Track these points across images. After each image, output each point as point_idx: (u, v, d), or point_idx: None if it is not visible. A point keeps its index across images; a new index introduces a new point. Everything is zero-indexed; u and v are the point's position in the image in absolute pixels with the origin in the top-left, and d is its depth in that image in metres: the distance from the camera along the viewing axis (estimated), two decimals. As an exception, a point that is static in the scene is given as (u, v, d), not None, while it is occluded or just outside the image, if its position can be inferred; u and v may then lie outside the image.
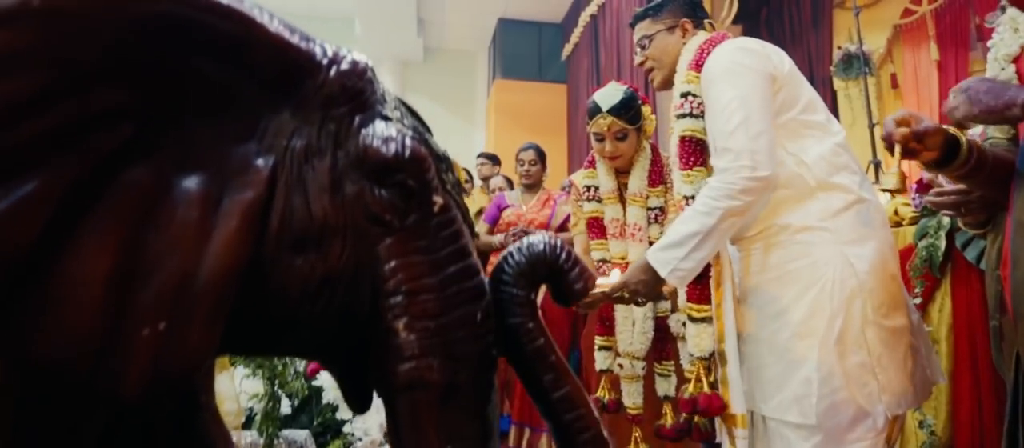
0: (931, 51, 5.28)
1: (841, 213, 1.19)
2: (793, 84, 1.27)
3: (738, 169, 1.16)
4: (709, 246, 1.20)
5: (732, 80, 1.22)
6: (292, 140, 0.55)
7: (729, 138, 1.18)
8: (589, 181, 1.97)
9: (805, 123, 1.25)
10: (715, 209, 1.18)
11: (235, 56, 0.52)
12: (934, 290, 1.83)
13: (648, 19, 1.50)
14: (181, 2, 0.48)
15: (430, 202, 0.62)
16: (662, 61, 1.47)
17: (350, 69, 0.57)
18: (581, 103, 8.01)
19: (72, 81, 0.45)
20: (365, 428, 2.04)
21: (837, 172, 1.22)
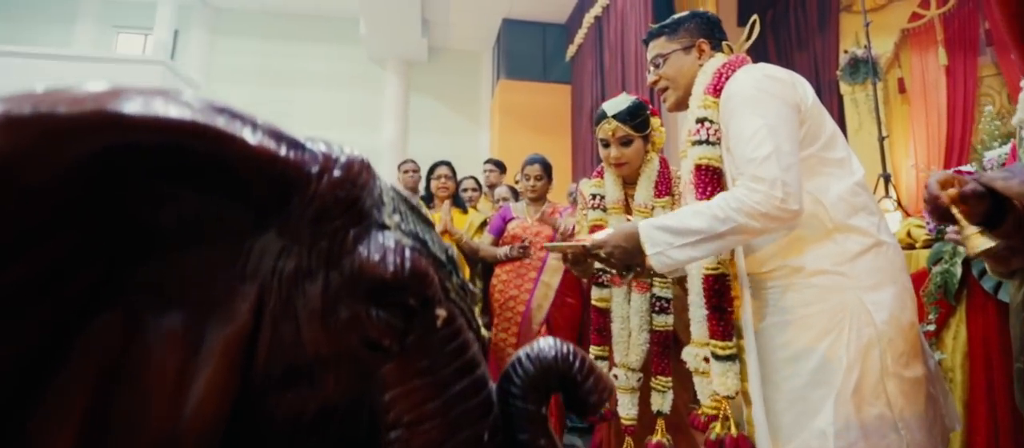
0: (939, 56, 5.24)
1: (858, 257, 1.15)
2: (816, 118, 1.22)
3: (770, 196, 1.09)
4: (706, 249, 1.16)
5: (759, 108, 1.16)
6: (279, 262, 0.49)
7: (760, 166, 1.11)
8: (596, 190, 1.97)
9: (825, 160, 1.20)
10: (730, 219, 1.11)
11: (211, 178, 0.46)
12: (948, 317, 1.81)
13: (663, 37, 1.42)
14: (134, 129, 0.40)
15: (433, 317, 0.56)
16: (677, 82, 1.40)
17: (343, 176, 0.50)
18: (585, 104, 7.98)
19: (16, 241, 0.39)
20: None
21: (855, 213, 1.17)
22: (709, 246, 1.14)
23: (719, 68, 1.30)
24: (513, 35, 8.74)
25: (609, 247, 1.25)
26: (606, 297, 1.92)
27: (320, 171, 0.49)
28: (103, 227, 0.43)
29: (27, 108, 0.37)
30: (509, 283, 2.82)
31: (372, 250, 0.51)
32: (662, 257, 1.17)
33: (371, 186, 0.53)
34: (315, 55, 9.93)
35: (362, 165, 0.52)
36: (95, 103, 0.39)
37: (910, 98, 5.55)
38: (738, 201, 1.11)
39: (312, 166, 0.48)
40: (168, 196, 0.46)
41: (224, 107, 0.45)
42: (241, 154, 0.45)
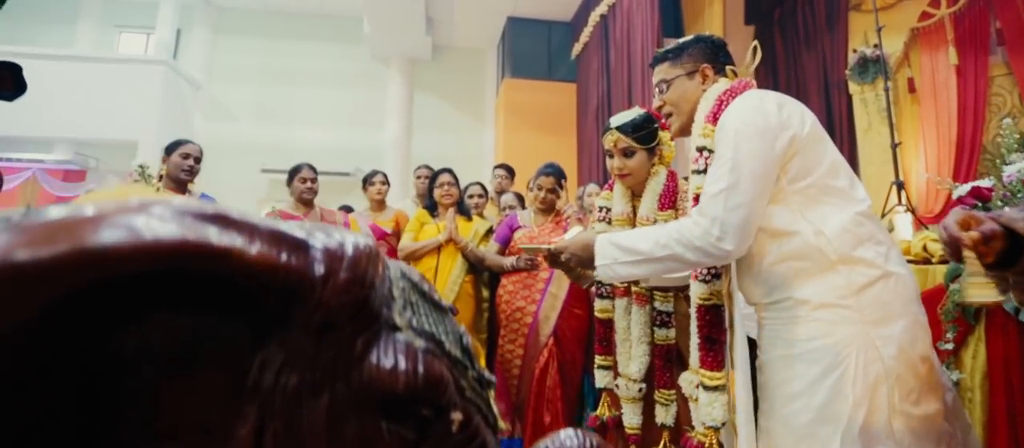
0: (950, 56, 5.17)
1: (864, 290, 1.11)
2: (815, 147, 1.19)
3: (707, 232, 1.16)
4: (645, 269, 1.24)
5: (736, 141, 1.17)
6: (282, 377, 0.45)
7: (710, 201, 1.17)
8: (604, 202, 1.99)
9: (825, 189, 1.17)
10: (668, 247, 1.20)
11: (206, 298, 0.42)
12: (967, 335, 1.77)
13: (667, 62, 1.43)
14: (118, 260, 0.36)
15: (448, 423, 0.53)
16: (680, 108, 1.40)
17: (350, 278, 0.46)
18: (591, 103, 7.93)
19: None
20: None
21: (860, 245, 1.14)
22: (648, 267, 1.23)
23: (720, 95, 1.30)
24: (518, 33, 8.68)
25: (568, 253, 1.37)
26: (608, 308, 1.96)
27: (325, 275, 0.44)
28: (81, 367, 0.39)
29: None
30: (516, 294, 2.79)
31: (382, 359, 0.47)
32: (607, 270, 1.27)
33: (380, 282, 0.49)
34: (318, 54, 9.89)
35: (369, 258, 0.47)
36: (70, 238, 0.35)
37: (920, 98, 5.48)
38: (679, 231, 1.19)
39: (316, 270, 0.44)
40: (157, 322, 0.42)
41: (215, 213, 0.41)
42: (238, 269, 0.41)
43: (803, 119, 1.20)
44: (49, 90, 7.90)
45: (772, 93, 1.26)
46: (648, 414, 1.84)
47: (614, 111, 7.51)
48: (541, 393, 2.68)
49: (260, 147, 9.60)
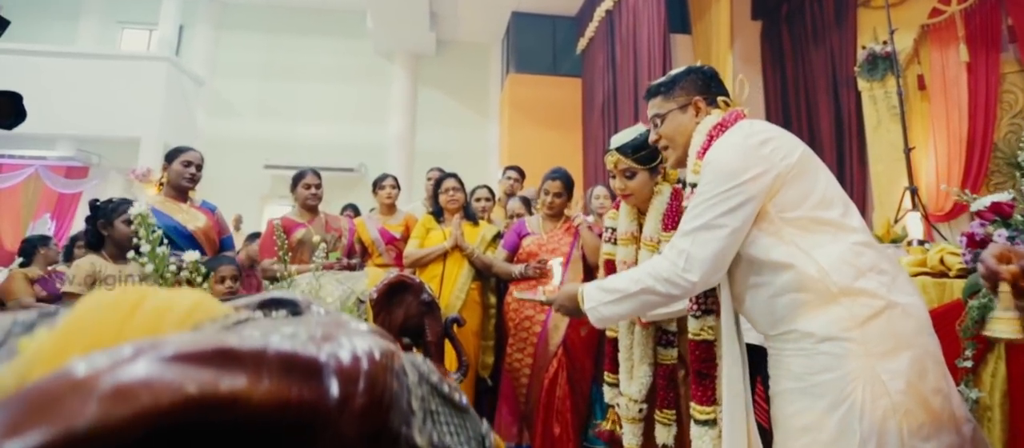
0: (960, 52, 5.10)
1: (869, 322, 1.09)
2: (804, 178, 1.19)
3: (673, 263, 1.21)
4: (626, 306, 1.28)
5: (714, 178, 1.20)
6: None
7: (681, 236, 1.22)
8: (610, 222, 1.97)
9: (816, 219, 1.17)
10: (641, 281, 1.25)
11: (217, 443, 0.39)
12: (986, 352, 1.74)
13: (660, 96, 1.43)
14: (98, 438, 0.32)
15: None
16: (675, 141, 1.41)
17: (367, 403, 0.42)
18: (596, 98, 7.87)
19: None
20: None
21: (861, 276, 1.12)
22: (627, 304, 1.28)
23: (711, 129, 1.31)
24: (522, 28, 8.62)
25: (556, 304, 1.44)
26: (614, 327, 1.94)
27: (340, 401, 0.41)
28: None
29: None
30: (524, 303, 2.76)
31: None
32: (594, 313, 1.33)
33: (398, 397, 0.46)
34: (321, 49, 9.83)
35: (386, 372, 0.44)
36: (54, 419, 0.31)
37: (930, 95, 5.42)
38: (651, 265, 1.25)
39: (331, 397, 0.41)
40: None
41: (216, 350, 0.37)
42: (248, 413, 0.37)
43: (789, 153, 1.20)
44: (51, 87, 7.87)
45: (759, 126, 1.26)
46: (649, 434, 1.82)
47: (620, 107, 7.45)
48: (551, 404, 2.65)
49: (263, 143, 9.57)
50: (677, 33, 7.04)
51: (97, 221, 2.26)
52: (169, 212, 2.57)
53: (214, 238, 2.69)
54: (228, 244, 2.80)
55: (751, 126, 1.26)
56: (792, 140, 1.23)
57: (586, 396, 2.80)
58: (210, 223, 2.67)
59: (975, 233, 1.75)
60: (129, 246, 2.26)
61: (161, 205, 2.59)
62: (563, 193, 2.86)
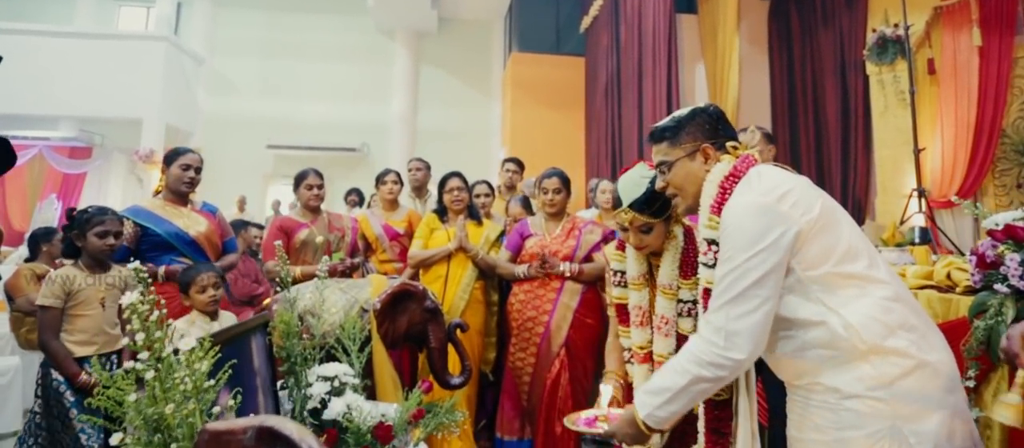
0: (973, 36, 4.99)
1: (897, 381, 1.07)
2: (827, 232, 1.14)
3: (711, 343, 1.14)
4: (681, 402, 1.20)
5: (737, 246, 1.14)
6: None
7: (715, 313, 1.15)
8: (617, 265, 1.83)
9: (842, 274, 1.13)
10: (687, 372, 1.17)
11: None
12: (990, 372, 1.74)
13: (665, 142, 1.36)
14: None
15: None
16: (685, 190, 1.35)
17: None
18: (600, 78, 7.78)
19: None
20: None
21: (892, 334, 1.09)
22: (682, 399, 1.19)
23: (722, 181, 1.26)
24: (525, 5, 8.47)
25: (619, 435, 1.32)
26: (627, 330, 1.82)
27: None
28: None
29: None
30: (527, 304, 2.76)
31: None
32: (652, 417, 1.23)
33: None
34: (322, 26, 9.70)
35: None
36: None
37: (939, 79, 5.33)
38: (690, 353, 1.17)
39: None
40: None
41: None
42: None
43: (809, 206, 1.15)
44: (50, 67, 7.81)
45: (774, 178, 1.20)
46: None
47: (624, 89, 7.36)
48: (553, 404, 2.68)
49: (265, 122, 9.52)
50: (683, 13, 6.92)
51: (72, 232, 2.23)
52: (169, 217, 2.56)
53: (216, 242, 2.68)
54: (231, 247, 2.80)
55: (766, 179, 1.20)
56: (811, 191, 1.18)
57: (588, 393, 2.83)
58: (212, 227, 2.66)
59: (986, 254, 1.73)
60: (102, 258, 2.24)
61: (161, 210, 2.58)
62: (562, 189, 2.83)
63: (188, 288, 2.14)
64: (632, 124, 7.17)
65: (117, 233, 2.22)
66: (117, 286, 2.25)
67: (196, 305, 2.14)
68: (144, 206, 2.59)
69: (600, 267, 2.74)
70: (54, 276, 2.15)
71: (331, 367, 1.79)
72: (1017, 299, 1.65)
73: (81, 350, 2.14)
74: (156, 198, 2.68)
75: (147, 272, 1.07)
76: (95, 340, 2.16)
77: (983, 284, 1.76)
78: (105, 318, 2.18)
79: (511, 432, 2.88)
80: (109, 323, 2.19)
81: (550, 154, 8.04)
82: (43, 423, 2.16)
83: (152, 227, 2.49)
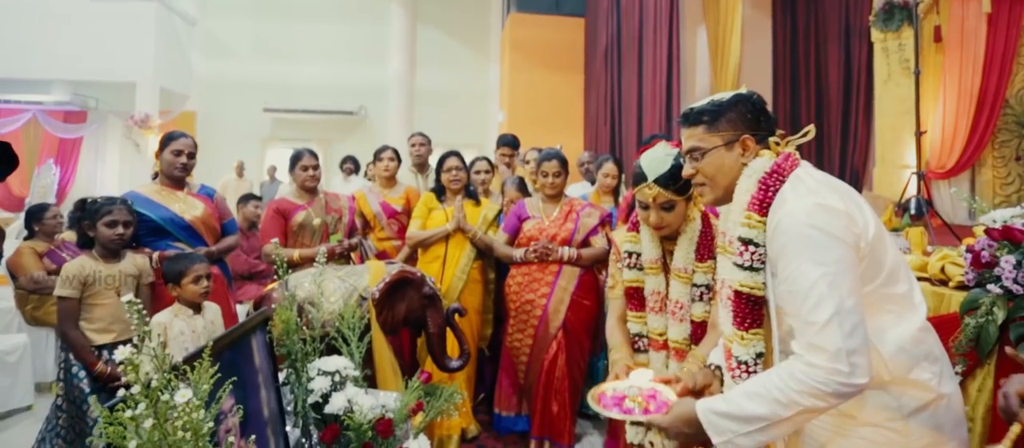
0: (983, 2, 4.89)
1: (915, 414, 1.07)
2: (877, 249, 1.07)
3: (833, 371, 0.98)
4: (774, 433, 1.05)
5: (816, 253, 1.02)
6: None
7: (820, 334, 0.99)
8: (631, 247, 1.79)
9: (885, 296, 1.08)
10: (794, 403, 1.01)
11: None
12: (976, 368, 1.78)
13: (702, 127, 1.22)
14: None
15: None
16: (717, 182, 1.22)
17: None
18: (600, 41, 7.64)
19: None
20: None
21: (917, 365, 1.07)
22: (777, 430, 1.05)
23: (764, 178, 1.14)
24: (524, -36, 8.26)
25: (672, 433, 1.17)
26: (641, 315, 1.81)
27: None
28: None
29: None
30: (525, 286, 2.79)
31: None
32: (730, 445, 1.08)
33: None
34: (316, -15, 9.47)
35: None
36: None
37: (945, 47, 5.24)
38: (799, 382, 1.00)
39: None
40: None
41: None
42: None
43: (866, 219, 1.07)
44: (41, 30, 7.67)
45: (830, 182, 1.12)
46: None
47: (624, 53, 7.24)
48: (550, 384, 2.73)
49: (261, 85, 9.39)
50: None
51: (84, 222, 2.25)
52: (165, 202, 2.56)
53: (214, 225, 2.68)
54: (231, 229, 2.79)
55: (824, 184, 1.11)
56: (858, 199, 1.12)
57: (584, 371, 2.89)
58: (208, 210, 2.65)
59: (982, 254, 1.74)
60: (113, 248, 2.26)
61: (157, 194, 2.57)
62: (561, 172, 2.83)
63: (179, 278, 2.13)
64: (632, 88, 7.08)
65: (126, 222, 2.24)
66: (132, 274, 2.27)
67: (185, 295, 2.14)
68: (140, 191, 2.58)
69: (598, 252, 2.76)
70: (70, 267, 2.18)
71: (331, 361, 1.82)
72: (1009, 299, 1.67)
73: (100, 338, 2.19)
74: (152, 183, 2.67)
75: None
76: (113, 328, 2.20)
77: (976, 282, 1.78)
78: (122, 306, 2.22)
79: (508, 408, 2.96)
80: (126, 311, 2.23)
81: (549, 118, 7.99)
82: (63, 406, 2.24)
83: (147, 213, 2.49)
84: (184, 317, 2.15)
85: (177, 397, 0.83)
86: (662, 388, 1.31)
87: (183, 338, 2.14)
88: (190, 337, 2.15)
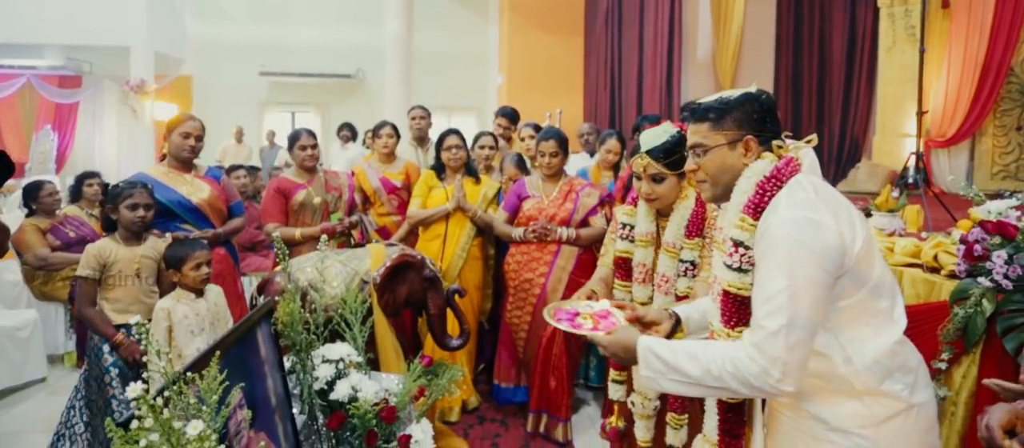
0: (991, -33, 4.80)
1: (886, 422, 1.10)
2: (865, 261, 1.10)
3: (765, 373, 1.05)
4: (693, 393, 1.18)
5: (789, 265, 1.05)
6: None
7: (768, 338, 1.06)
8: (627, 219, 1.91)
9: (866, 310, 1.11)
10: (722, 379, 1.10)
11: None
12: (961, 355, 1.82)
13: (707, 124, 1.23)
14: None
15: None
16: (718, 179, 1.24)
17: None
18: (600, 3, 7.50)
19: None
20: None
21: (889, 377, 1.11)
22: (696, 391, 1.17)
23: (762, 182, 1.15)
24: (523, -78, 8.02)
25: (609, 351, 1.29)
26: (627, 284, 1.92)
27: None
28: None
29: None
30: (524, 265, 2.83)
31: None
32: (651, 381, 1.20)
33: None
34: (310, -56, 9.23)
35: None
36: None
37: (953, 13, 5.16)
38: (734, 365, 1.09)
39: None
40: None
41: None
42: None
43: (855, 232, 1.09)
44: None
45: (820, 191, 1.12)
46: (660, 429, 1.87)
47: (625, 16, 7.12)
48: (548, 361, 2.80)
49: (257, 49, 9.25)
50: (690, -66, 6.58)
51: (107, 206, 2.29)
52: (173, 185, 2.58)
53: (221, 207, 2.71)
54: (238, 210, 2.84)
55: (820, 194, 1.12)
56: (856, 215, 1.13)
57: (581, 347, 2.95)
58: (215, 193, 2.68)
59: (974, 246, 1.76)
60: (135, 230, 2.29)
61: (165, 177, 2.59)
62: (559, 152, 2.84)
63: (180, 264, 2.17)
64: (632, 53, 6.99)
65: (147, 205, 2.27)
66: (151, 257, 2.30)
67: (186, 281, 2.18)
68: (149, 173, 2.60)
69: (597, 231, 2.79)
70: (92, 248, 2.22)
71: (335, 349, 1.86)
72: (998, 292, 1.71)
73: (119, 318, 2.22)
74: (160, 165, 2.68)
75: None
76: (131, 309, 2.24)
77: (967, 273, 1.81)
78: (140, 288, 2.26)
79: (508, 380, 3.04)
80: (145, 293, 2.27)
81: (548, 81, 7.91)
82: (85, 375, 2.30)
83: (156, 195, 2.51)
84: (186, 301, 2.19)
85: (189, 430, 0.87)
86: (616, 312, 1.42)
87: (187, 322, 2.18)
88: (194, 320, 2.20)
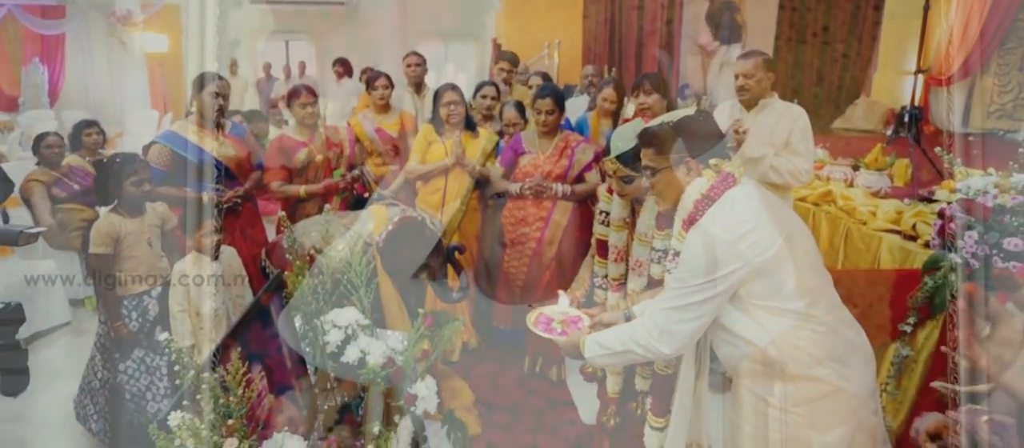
0: None
1: (816, 401, 1.28)
2: (778, 271, 1.27)
3: (650, 336, 1.36)
4: (613, 361, 1.60)
5: (693, 267, 1.29)
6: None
7: (659, 312, 1.36)
8: (604, 206, 2.05)
9: (786, 311, 1.28)
10: (625, 344, 1.41)
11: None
12: (927, 320, 1.95)
13: (653, 150, 1.43)
14: None
15: None
16: (666, 196, 1.46)
17: None
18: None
19: None
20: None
21: (818, 364, 1.27)
22: (615, 358, 1.50)
23: (698, 200, 1.35)
24: None
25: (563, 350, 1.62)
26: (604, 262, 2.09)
27: None
28: None
29: None
30: (521, 219, 2.93)
31: None
32: (593, 360, 1.52)
33: None
34: None
35: None
36: None
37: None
38: (635, 334, 1.40)
39: None
40: None
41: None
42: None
43: (765, 248, 1.26)
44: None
45: (742, 213, 1.29)
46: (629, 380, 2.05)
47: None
48: (544, 311, 2.95)
49: (246, -26, 8.92)
50: None
51: (107, 181, 2.29)
52: (200, 142, 2.70)
53: (245, 164, 2.87)
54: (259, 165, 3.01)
55: (736, 211, 1.30)
56: (771, 233, 1.28)
57: (579, 299, 3.11)
58: (240, 151, 2.84)
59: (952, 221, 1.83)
60: (141, 203, 2.34)
61: (195, 136, 2.70)
62: (555, 110, 2.87)
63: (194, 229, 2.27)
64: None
65: (150, 179, 2.33)
66: (156, 224, 2.38)
67: (196, 245, 2.30)
68: (177, 131, 2.72)
69: (591, 187, 2.87)
70: (101, 225, 2.24)
71: (343, 315, 1.99)
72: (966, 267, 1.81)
73: (136, 287, 2.30)
74: (187, 121, 2.76)
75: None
76: (148, 277, 2.32)
77: (941, 245, 1.90)
78: (153, 253, 2.35)
79: (506, 322, 3.21)
80: (157, 257, 2.36)
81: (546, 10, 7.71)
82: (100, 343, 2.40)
83: (186, 155, 2.62)
84: (203, 263, 2.31)
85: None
86: (583, 317, 1.69)
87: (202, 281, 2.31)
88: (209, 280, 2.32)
